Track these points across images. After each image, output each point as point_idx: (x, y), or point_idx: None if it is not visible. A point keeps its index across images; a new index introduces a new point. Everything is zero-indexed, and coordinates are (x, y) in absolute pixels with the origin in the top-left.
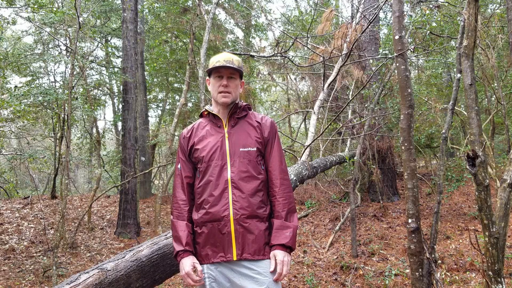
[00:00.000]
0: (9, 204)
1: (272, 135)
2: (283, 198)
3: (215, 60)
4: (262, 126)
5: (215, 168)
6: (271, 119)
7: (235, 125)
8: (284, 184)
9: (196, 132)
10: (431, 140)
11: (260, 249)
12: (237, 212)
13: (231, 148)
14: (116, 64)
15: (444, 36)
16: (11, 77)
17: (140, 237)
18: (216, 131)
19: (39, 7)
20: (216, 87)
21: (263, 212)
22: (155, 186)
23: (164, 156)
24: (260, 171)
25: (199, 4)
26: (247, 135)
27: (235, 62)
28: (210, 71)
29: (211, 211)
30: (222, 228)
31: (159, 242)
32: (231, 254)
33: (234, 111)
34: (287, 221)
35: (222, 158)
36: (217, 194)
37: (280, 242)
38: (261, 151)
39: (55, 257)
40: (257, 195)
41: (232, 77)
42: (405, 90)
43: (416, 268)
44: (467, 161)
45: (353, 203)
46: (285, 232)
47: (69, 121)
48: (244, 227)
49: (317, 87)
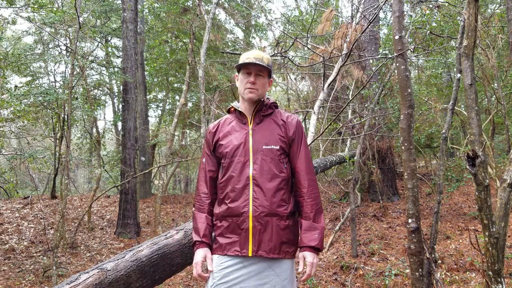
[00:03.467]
0: (9, 204)
1: (299, 135)
2: (311, 199)
3: (245, 56)
4: (287, 125)
5: (238, 164)
6: (298, 118)
7: (260, 123)
8: (312, 185)
9: (221, 127)
10: (431, 140)
11: (276, 247)
12: (256, 209)
13: (254, 145)
14: (116, 64)
15: (444, 36)
16: (11, 77)
17: (140, 237)
18: (240, 128)
19: (39, 7)
20: (244, 83)
21: (283, 210)
22: (155, 186)
23: (164, 156)
24: (282, 169)
25: (199, 4)
26: (271, 133)
27: (265, 60)
28: (239, 67)
29: (231, 206)
30: (240, 224)
31: (159, 242)
32: (246, 250)
33: (259, 108)
34: (315, 222)
35: (245, 154)
36: (238, 190)
37: (309, 244)
38: (285, 150)
39: (55, 257)
40: (278, 193)
41: (260, 74)
42: (405, 90)
43: (416, 268)
44: (467, 161)
45: (353, 203)
46: (314, 233)
47: (69, 121)
48: (262, 224)
49: (317, 87)
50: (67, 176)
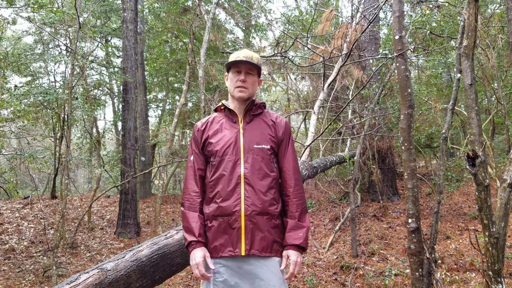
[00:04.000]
0: (9, 204)
1: (287, 135)
2: (297, 198)
3: (235, 55)
4: (276, 125)
5: (229, 163)
6: (285, 119)
7: (250, 122)
8: (298, 184)
9: (210, 125)
10: (431, 140)
11: (268, 246)
12: (248, 208)
13: (245, 144)
14: (116, 64)
15: (444, 36)
16: (11, 77)
17: (140, 237)
18: (231, 126)
19: (39, 7)
20: (234, 82)
21: (274, 209)
22: (155, 186)
23: (164, 156)
24: (272, 168)
25: (199, 4)
26: (262, 133)
27: (255, 58)
28: (229, 66)
29: (223, 205)
30: (232, 223)
31: (159, 242)
32: (239, 249)
33: (250, 107)
34: (300, 221)
35: (236, 153)
36: (230, 189)
37: (294, 243)
38: (274, 150)
39: (55, 257)
40: (269, 192)
41: (250, 73)
42: (405, 90)
43: (416, 268)
44: (467, 161)
45: (353, 203)
46: (298, 232)
47: (69, 121)
48: (254, 223)
49: (317, 87)
50: (67, 176)
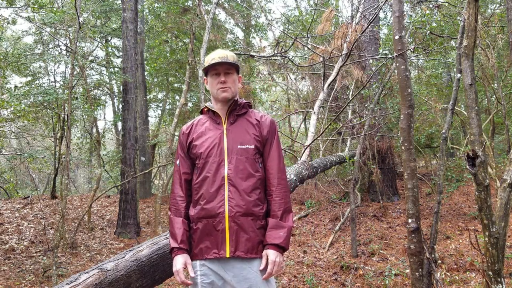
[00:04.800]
0: (9, 204)
1: (271, 134)
2: (280, 197)
3: (210, 58)
4: (261, 124)
5: (213, 165)
6: (271, 118)
7: (234, 122)
8: (282, 183)
9: (195, 128)
10: (431, 140)
11: (253, 247)
12: (232, 209)
13: (229, 145)
14: (116, 64)
15: (444, 36)
16: (11, 77)
17: (140, 237)
18: (215, 128)
19: (39, 7)
20: (215, 84)
21: (259, 210)
22: (155, 186)
23: (164, 156)
24: (257, 169)
25: (199, 4)
26: (246, 133)
27: (230, 57)
28: (207, 70)
29: (207, 207)
30: (216, 225)
31: (159, 242)
32: (224, 251)
33: (233, 108)
34: (282, 220)
35: (220, 154)
36: (213, 191)
37: (273, 242)
38: (259, 149)
39: (55, 257)
40: (254, 192)
41: (228, 72)
42: (405, 90)
43: (416, 268)
44: (467, 161)
45: (353, 203)
46: (279, 232)
47: (69, 121)
48: (239, 225)
49: (317, 87)
50: (67, 176)
